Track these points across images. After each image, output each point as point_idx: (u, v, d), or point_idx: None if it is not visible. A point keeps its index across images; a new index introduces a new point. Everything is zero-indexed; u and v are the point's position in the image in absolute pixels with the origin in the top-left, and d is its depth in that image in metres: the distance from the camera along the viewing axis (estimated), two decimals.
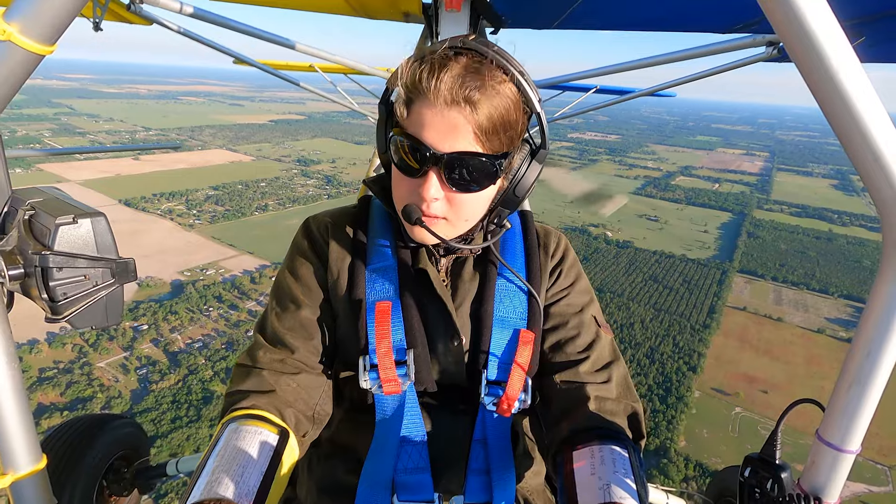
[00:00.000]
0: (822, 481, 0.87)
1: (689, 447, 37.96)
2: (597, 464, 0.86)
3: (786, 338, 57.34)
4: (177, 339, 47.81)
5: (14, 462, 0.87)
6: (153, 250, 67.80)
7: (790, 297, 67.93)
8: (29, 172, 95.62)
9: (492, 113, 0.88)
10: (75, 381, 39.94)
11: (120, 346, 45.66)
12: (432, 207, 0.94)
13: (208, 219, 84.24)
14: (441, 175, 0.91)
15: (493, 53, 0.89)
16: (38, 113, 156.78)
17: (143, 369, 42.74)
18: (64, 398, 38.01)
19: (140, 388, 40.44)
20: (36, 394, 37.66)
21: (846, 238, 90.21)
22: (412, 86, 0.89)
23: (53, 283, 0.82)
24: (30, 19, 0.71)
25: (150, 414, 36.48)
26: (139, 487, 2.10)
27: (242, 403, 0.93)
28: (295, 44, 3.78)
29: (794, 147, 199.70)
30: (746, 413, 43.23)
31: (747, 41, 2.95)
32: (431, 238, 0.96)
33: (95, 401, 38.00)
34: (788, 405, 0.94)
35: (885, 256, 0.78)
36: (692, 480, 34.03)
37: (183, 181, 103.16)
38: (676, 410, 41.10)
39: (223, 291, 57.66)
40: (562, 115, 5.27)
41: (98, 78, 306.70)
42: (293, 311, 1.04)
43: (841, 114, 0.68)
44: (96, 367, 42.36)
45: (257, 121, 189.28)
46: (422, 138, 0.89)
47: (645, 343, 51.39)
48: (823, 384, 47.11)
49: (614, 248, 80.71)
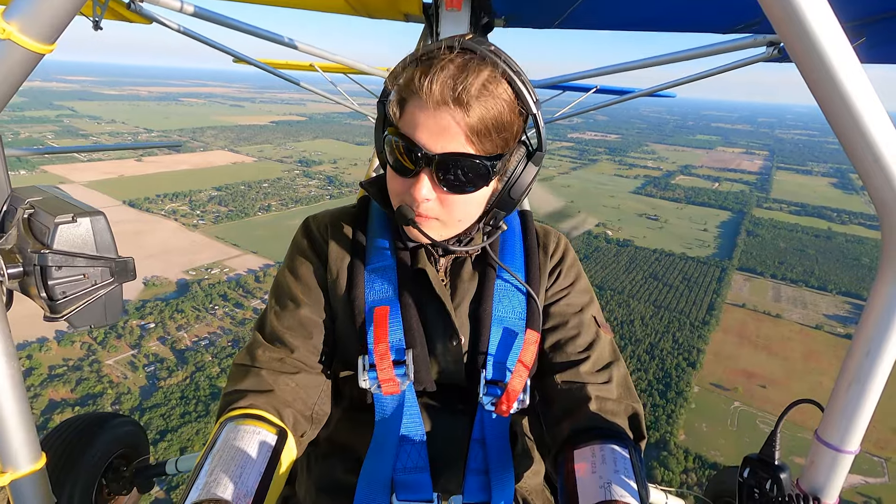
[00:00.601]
0: (822, 481, 0.87)
1: (688, 440, 38.59)
2: (598, 463, 0.87)
3: (784, 334, 57.92)
4: (183, 336, 48.47)
5: (13, 460, 0.87)
6: (158, 250, 68.45)
7: (789, 294, 68.51)
8: (33, 174, 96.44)
9: (484, 114, 0.87)
10: (85, 377, 40.61)
11: (128, 343, 46.33)
12: (424, 208, 0.94)
13: (212, 219, 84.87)
14: (433, 176, 0.91)
15: (489, 54, 0.89)
16: (40, 115, 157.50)
17: (151, 366, 43.37)
18: (74, 394, 38.70)
19: (149, 385, 41.08)
20: (47, 390, 38.38)
21: (845, 236, 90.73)
22: (406, 86, 0.90)
23: (52, 281, 0.82)
24: (29, 18, 0.70)
25: (159, 409, 37.13)
26: (138, 486, 2.10)
27: (240, 403, 0.93)
28: (295, 43, 3.77)
29: (793, 146, 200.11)
30: (745, 407, 43.83)
31: (748, 41, 2.97)
32: (425, 238, 0.98)
33: (105, 397, 38.67)
34: (787, 406, 0.95)
35: (884, 257, 0.78)
36: (691, 472, 34.70)
37: (186, 182, 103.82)
38: (676, 405, 41.70)
39: (228, 290, 58.31)
40: (562, 115, 5.29)
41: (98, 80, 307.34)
42: (292, 309, 1.05)
43: (841, 115, 0.67)
44: (105, 364, 43.01)
45: (258, 122, 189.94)
46: (414, 139, 0.89)
47: (645, 339, 51.98)
48: (821, 379, 47.71)
49: (614, 246, 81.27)
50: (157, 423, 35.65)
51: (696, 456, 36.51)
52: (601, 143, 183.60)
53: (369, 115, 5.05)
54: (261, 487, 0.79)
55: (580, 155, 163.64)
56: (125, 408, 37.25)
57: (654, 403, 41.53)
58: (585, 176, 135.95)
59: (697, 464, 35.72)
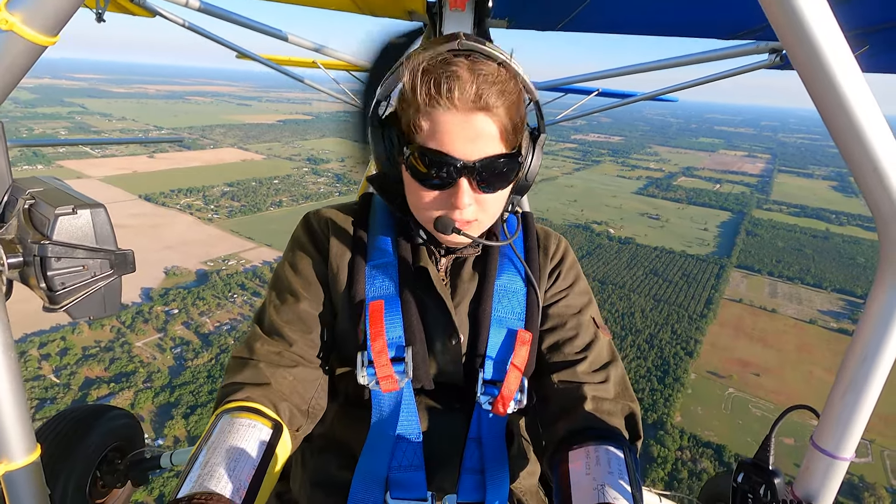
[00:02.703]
0: (816, 488, 0.87)
1: (683, 422, 40.87)
2: (592, 464, 0.86)
3: (779, 327, 60.16)
4: (206, 322, 51.00)
5: (8, 451, 0.86)
6: (175, 242, 71.12)
7: (785, 291, 70.74)
8: (50, 168, 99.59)
9: (510, 111, 0.89)
10: (117, 357, 43.22)
11: (154, 327, 48.90)
12: (465, 213, 0.94)
13: (226, 213, 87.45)
14: (472, 182, 0.91)
15: (496, 52, 0.90)
16: (53, 111, 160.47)
17: (178, 348, 45.96)
18: (108, 373, 41.24)
19: (176, 365, 43.58)
20: (82, 369, 40.93)
21: (842, 237, 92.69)
22: (427, 99, 0.87)
23: (52, 272, 0.81)
24: (33, 9, 0.69)
25: (189, 386, 39.64)
26: (133, 479, 2.09)
27: (237, 395, 0.92)
28: (297, 39, 3.73)
29: (795, 149, 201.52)
30: (739, 393, 46.09)
31: (751, 48, 2.96)
32: (467, 240, 0.98)
33: (138, 375, 41.22)
34: (782, 411, 0.95)
35: (881, 265, 0.78)
36: (686, 450, 37.03)
37: (198, 178, 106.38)
38: (673, 390, 44.00)
39: (245, 280, 60.80)
40: (564, 117, 5.22)
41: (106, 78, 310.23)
42: (292, 303, 1.04)
43: (841, 124, 0.67)
44: (135, 346, 45.66)
45: (266, 120, 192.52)
46: (448, 150, 0.88)
47: (645, 330, 54.26)
48: (812, 369, 50.10)
49: (616, 244, 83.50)
50: (187, 399, 38.15)
51: (690, 435, 38.82)
52: (604, 145, 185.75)
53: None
54: (254, 481, 0.78)
55: (583, 156, 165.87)
56: (157, 385, 39.88)
57: (652, 388, 43.87)
58: (588, 176, 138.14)
59: (692, 442, 38.03)
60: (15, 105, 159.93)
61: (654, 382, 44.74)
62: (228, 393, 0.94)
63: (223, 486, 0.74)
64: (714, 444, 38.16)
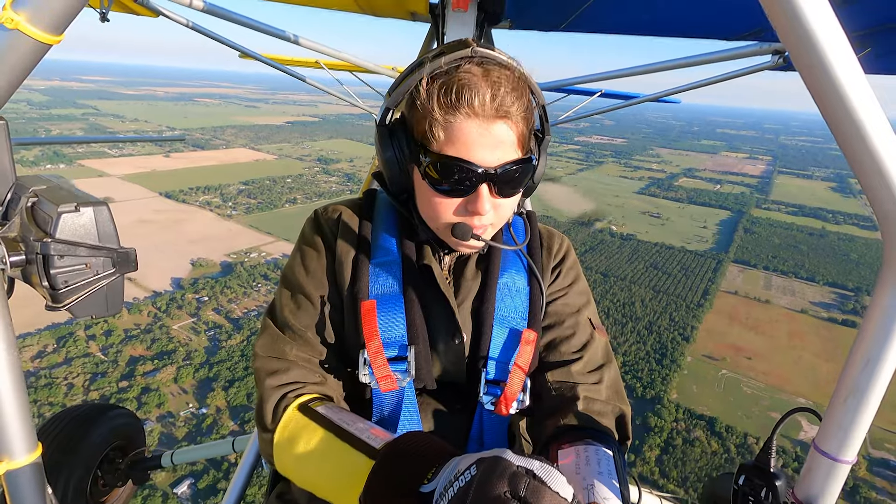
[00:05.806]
0: (817, 491, 0.87)
1: (679, 398, 44.12)
2: (581, 463, 0.87)
3: (772, 317, 63.29)
4: (235, 308, 54.49)
5: (9, 450, 0.85)
6: (199, 236, 74.89)
7: (779, 284, 73.73)
8: (72, 167, 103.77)
9: (526, 117, 0.92)
10: (157, 338, 46.88)
11: (187, 313, 52.53)
12: (483, 219, 0.95)
13: (244, 210, 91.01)
14: (492, 188, 0.92)
15: (505, 58, 0.91)
16: (67, 113, 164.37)
17: (212, 331, 49.44)
18: (150, 351, 44.88)
19: (211, 345, 47.07)
20: (126, 348, 44.59)
21: (838, 234, 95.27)
22: (445, 107, 0.88)
23: (54, 270, 0.81)
24: (38, 8, 0.69)
25: (226, 363, 43.21)
26: (134, 478, 2.07)
27: (304, 391, 0.99)
28: (300, 39, 3.74)
29: (796, 151, 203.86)
30: (732, 374, 49.27)
31: (753, 49, 2.96)
32: (480, 244, 0.99)
33: (178, 353, 44.82)
34: (784, 414, 0.96)
35: (884, 268, 0.78)
36: (681, 421, 40.41)
37: (214, 177, 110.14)
38: (670, 370, 47.24)
39: (268, 271, 64.32)
40: (566, 118, 5.22)
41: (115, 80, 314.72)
42: (302, 301, 1.06)
43: (845, 126, 0.67)
44: (172, 328, 49.35)
45: (274, 122, 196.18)
46: (470, 158, 0.89)
47: (644, 318, 57.52)
48: (802, 354, 53.49)
49: (618, 240, 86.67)
50: (224, 374, 41.76)
51: (685, 409, 42.20)
52: (607, 147, 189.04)
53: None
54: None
55: (586, 157, 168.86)
56: (196, 362, 43.48)
57: (650, 369, 47.21)
58: (591, 177, 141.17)
59: (686, 415, 41.41)
60: (30, 107, 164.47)
61: (652, 363, 47.97)
62: (293, 390, 0.99)
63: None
64: (707, 416, 41.56)
